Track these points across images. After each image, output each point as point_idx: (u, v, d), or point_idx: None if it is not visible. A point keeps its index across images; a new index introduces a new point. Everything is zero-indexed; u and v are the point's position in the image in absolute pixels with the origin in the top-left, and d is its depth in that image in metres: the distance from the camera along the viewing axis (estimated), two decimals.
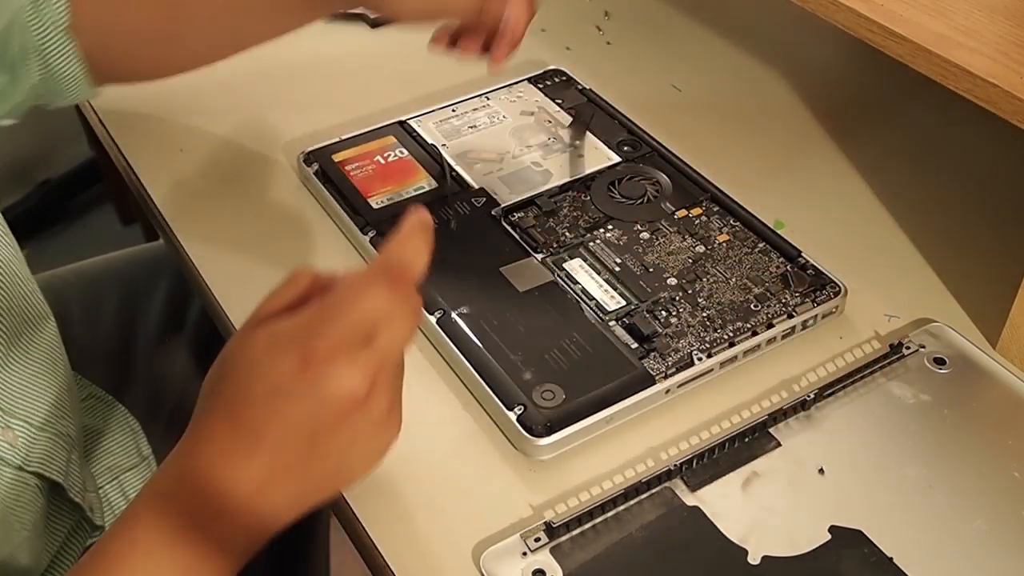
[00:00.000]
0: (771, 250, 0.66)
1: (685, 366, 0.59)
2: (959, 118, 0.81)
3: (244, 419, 0.44)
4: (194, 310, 0.87)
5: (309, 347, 0.43)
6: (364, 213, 0.70)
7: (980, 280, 0.67)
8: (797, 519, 0.53)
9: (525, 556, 0.52)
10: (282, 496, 0.45)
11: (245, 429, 0.44)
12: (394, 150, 0.76)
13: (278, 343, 0.44)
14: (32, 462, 0.60)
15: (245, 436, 0.44)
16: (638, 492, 0.54)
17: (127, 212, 1.85)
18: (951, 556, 0.52)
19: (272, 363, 0.43)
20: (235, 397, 0.45)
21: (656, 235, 0.68)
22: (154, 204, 0.75)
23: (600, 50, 0.90)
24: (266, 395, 0.43)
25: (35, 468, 0.60)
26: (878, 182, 0.76)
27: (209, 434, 0.46)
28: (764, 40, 0.92)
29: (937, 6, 0.62)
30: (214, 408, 0.46)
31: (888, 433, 0.57)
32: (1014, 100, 0.55)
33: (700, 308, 0.62)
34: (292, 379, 0.43)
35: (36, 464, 0.60)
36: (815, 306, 0.63)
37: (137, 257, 0.90)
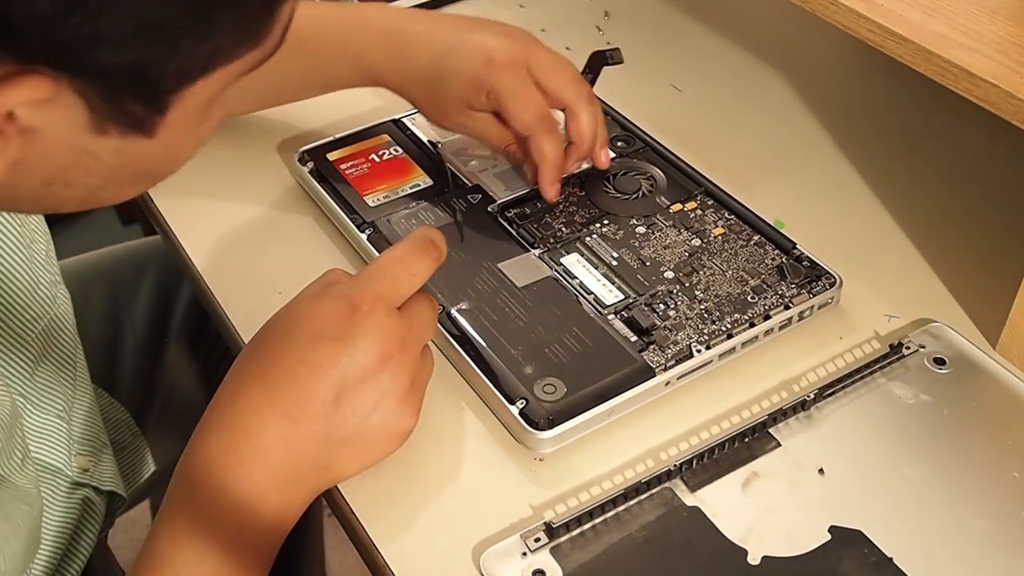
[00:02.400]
0: (766, 242, 0.67)
1: (684, 358, 0.59)
2: (959, 118, 0.81)
3: (279, 363, 0.48)
4: (182, 305, 0.87)
5: (355, 296, 0.49)
6: (361, 211, 0.70)
7: (980, 280, 0.67)
8: (797, 519, 0.53)
9: (525, 556, 0.52)
10: (304, 449, 0.47)
11: (277, 373, 0.48)
12: (389, 148, 0.76)
13: (328, 294, 0.50)
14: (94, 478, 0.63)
15: (277, 380, 0.48)
16: (638, 492, 0.54)
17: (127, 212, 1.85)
18: (951, 556, 0.52)
19: (319, 309, 0.49)
20: (275, 343, 0.49)
21: (652, 229, 0.68)
22: (154, 204, 0.75)
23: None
24: (306, 338, 0.48)
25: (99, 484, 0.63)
26: (878, 182, 0.76)
27: (238, 386, 0.49)
28: (764, 40, 0.92)
29: (937, 6, 0.62)
30: (249, 359, 0.50)
31: (888, 433, 0.57)
32: (1014, 100, 0.55)
33: (698, 301, 0.63)
34: (335, 324, 0.49)
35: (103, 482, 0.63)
36: (811, 297, 0.63)
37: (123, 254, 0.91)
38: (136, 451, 0.78)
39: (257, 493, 0.47)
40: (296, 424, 0.48)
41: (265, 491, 0.47)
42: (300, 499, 0.49)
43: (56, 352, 0.63)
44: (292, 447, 0.48)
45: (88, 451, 0.64)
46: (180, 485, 0.48)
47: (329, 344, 0.48)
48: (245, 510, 0.47)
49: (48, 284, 0.63)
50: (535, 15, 0.94)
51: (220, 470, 0.47)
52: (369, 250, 0.67)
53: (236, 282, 0.69)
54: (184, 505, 0.48)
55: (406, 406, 0.51)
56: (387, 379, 0.49)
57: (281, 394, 0.48)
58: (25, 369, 0.60)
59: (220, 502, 0.47)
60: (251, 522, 0.47)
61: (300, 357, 0.48)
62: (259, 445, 0.47)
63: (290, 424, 0.48)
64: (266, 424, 0.48)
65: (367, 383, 0.49)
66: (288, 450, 0.48)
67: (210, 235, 0.72)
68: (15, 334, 0.59)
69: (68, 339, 0.65)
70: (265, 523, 0.47)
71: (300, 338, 0.49)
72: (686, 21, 0.95)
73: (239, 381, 0.49)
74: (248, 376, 0.49)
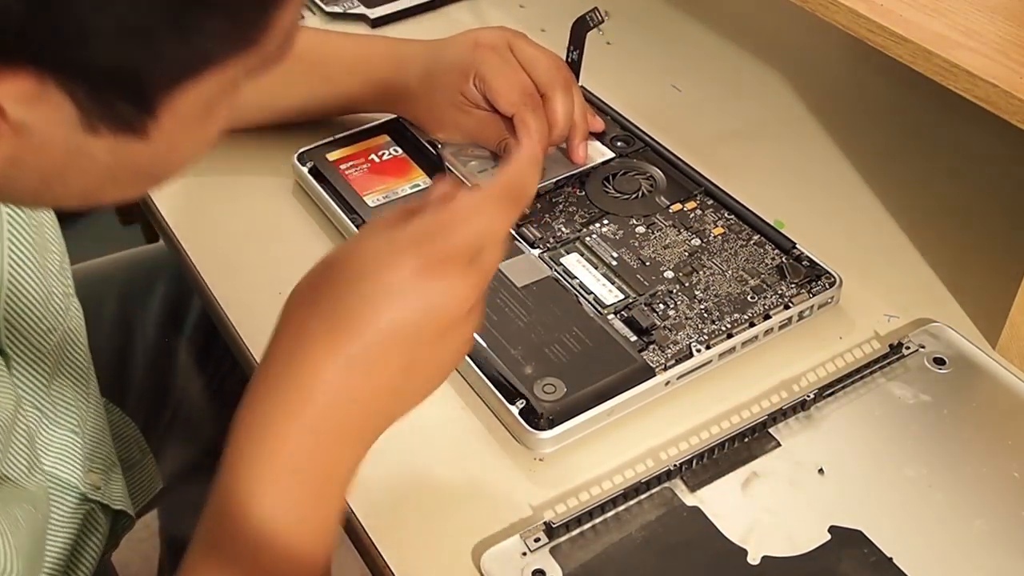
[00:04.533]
0: (766, 242, 0.67)
1: (684, 358, 0.59)
2: (959, 118, 0.81)
3: (347, 317, 0.44)
4: (192, 313, 0.87)
5: (428, 252, 0.43)
6: (360, 212, 0.70)
7: (980, 280, 0.67)
8: (797, 519, 0.53)
9: (525, 556, 0.52)
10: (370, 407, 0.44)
11: (346, 328, 0.44)
12: (388, 148, 0.76)
13: (396, 246, 0.44)
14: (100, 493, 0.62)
15: (345, 334, 0.44)
16: (638, 492, 0.54)
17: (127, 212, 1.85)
18: (951, 556, 0.52)
19: (388, 264, 0.44)
20: (340, 296, 0.44)
21: (652, 229, 0.68)
22: (154, 204, 0.75)
23: (600, 50, 0.90)
24: (376, 295, 0.44)
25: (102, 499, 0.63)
26: (878, 182, 0.76)
27: (300, 335, 0.45)
28: (764, 40, 0.92)
29: (937, 6, 0.62)
30: (310, 311, 0.45)
31: (888, 433, 0.57)
32: (1014, 100, 0.55)
33: (697, 300, 0.63)
34: (407, 281, 0.43)
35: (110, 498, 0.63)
36: (811, 296, 0.63)
37: (134, 260, 0.90)
38: (145, 469, 0.77)
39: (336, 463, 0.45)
40: (368, 388, 0.44)
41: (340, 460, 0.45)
42: (360, 452, 0.46)
43: (70, 366, 0.63)
44: (365, 413, 0.45)
45: (100, 468, 0.64)
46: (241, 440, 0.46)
47: (404, 308, 0.44)
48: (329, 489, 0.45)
49: (61, 296, 0.63)
50: (535, 15, 0.94)
51: (282, 428, 0.44)
52: None
53: (236, 282, 0.69)
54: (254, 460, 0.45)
55: (464, 349, 0.47)
56: (459, 340, 0.46)
57: (356, 360, 0.44)
58: (41, 382, 0.60)
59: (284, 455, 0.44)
60: (329, 474, 0.45)
61: (370, 318, 0.44)
62: (320, 404, 0.44)
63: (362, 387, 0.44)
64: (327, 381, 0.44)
65: (439, 342, 0.45)
66: (363, 418, 0.45)
67: (210, 235, 0.72)
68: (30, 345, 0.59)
69: (81, 353, 0.65)
70: (344, 487, 0.45)
71: (371, 294, 0.44)
72: (686, 21, 0.95)
73: (298, 333, 0.45)
74: (310, 331, 0.45)
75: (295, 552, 0.44)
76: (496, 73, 0.67)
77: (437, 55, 0.71)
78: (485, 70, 0.68)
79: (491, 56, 0.68)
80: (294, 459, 0.44)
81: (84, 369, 0.65)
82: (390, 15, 0.93)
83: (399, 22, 0.94)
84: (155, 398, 0.84)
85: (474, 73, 0.68)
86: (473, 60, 0.68)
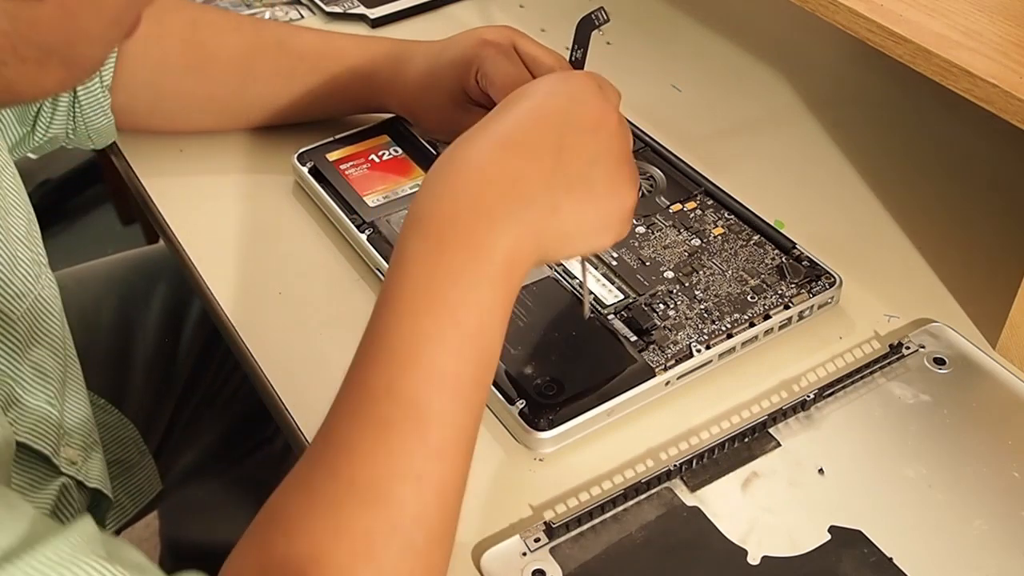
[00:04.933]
0: (766, 242, 0.67)
1: (684, 358, 0.59)
2: (959, 118, 0.81)
3: (502, 109, 0.50)
4: (193, 315, 0.87)
5: (569, 71, 0.55)
6: (360, 212, 0.70)
7: (980, 280, 0.67)
8: (797, 519, 0.53)
9: (525, 556, 0.52)
10: (530, 184, 0.48)
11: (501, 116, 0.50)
12: (388, 148, 0.76)
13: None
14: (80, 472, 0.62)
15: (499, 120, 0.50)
16: (638, 492, 0.54)
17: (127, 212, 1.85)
18: (951, 556, 0.52)
19: (533, 85, 0.52)
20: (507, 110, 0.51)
21: (651, 229, 0.68)
22: (154, 204, 0.75)
23: (600, 50, 0.90)
24: (527, 91, 0.51)
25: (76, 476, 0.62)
26: (878, 182, 0.76)
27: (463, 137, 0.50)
28: (764, 40, 0.92)
29: (937, 6, 0.62)
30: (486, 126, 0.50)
31: (888, 433, 0.57)
32: (1014, 100, 0.55)
33: (697, 300, 0.63)
34: (552, 80, 0.52)
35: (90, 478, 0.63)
36: (811, 296, 0.63)
37: (134, 261, 0.90)
38: (144, 470, 0.77)
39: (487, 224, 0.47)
40: (521, 159, 0.48)
41: (495, 219, 0.47)
42: (528, 243, 0.48)
43: (44, 336, 0.63)
44: (518, 183, 0.48)
45: (78, 445, 0.64)
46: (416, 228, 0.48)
47: (554, 98, 0.50)
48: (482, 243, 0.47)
49: (29, 261, 0.62)
50: (535, 15, 0.94)
51: (455, 209, 0.47)
52: (369, 250, 0.67)
53: (236, 282, 0.69)
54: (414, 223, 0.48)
55: (624, 172, 0.51)
56: (605, 137, 0.50)
57: (505, 135, 0.49)
58: (13, 350, 0.59)
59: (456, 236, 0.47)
60: (488, 255, 0.47)
61: (528, 108, 0.50)
62: (484, 175, 0.48)
63: (514, 158, 0.48)
64: (489, 159, 0.48)
65: (587, 133, 0.50)
66: (514, 184, 0.48)
67: (209, 235, 0.72)
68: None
69: (56, 324, 0.64)
70: (499, 257, 0.47)
71: (523, 92, 0.51)
72: (686, 21, 0.95)
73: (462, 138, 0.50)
74: (471, 131, 0.50)
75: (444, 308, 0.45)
76: (498, 69, 0.68)
77: (440, 53, 0.71)
78: (488, 66, 0.68)
79: (494, 53, 0.68)
80: (447, 223, 0.47)
81: (60, 340, 0.64)
82: (390, 15, 0.93)
83: (399, 22, 0.94)
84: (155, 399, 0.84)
85: (477, 68, 0.68)
86: (477, 55, 0.68)
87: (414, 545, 0.43)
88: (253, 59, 0.74)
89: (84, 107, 0.72)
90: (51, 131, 0.72)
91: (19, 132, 0.71)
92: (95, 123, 0.73)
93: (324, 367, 0.63)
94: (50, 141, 0.74)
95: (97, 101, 0.72)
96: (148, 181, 0.77)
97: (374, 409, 0.44)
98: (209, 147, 0.79)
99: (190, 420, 0.87)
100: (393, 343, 0.45)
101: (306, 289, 0.68)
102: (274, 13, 0.93)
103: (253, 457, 0.93)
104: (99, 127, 0.74)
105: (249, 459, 0.93)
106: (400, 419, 0.44)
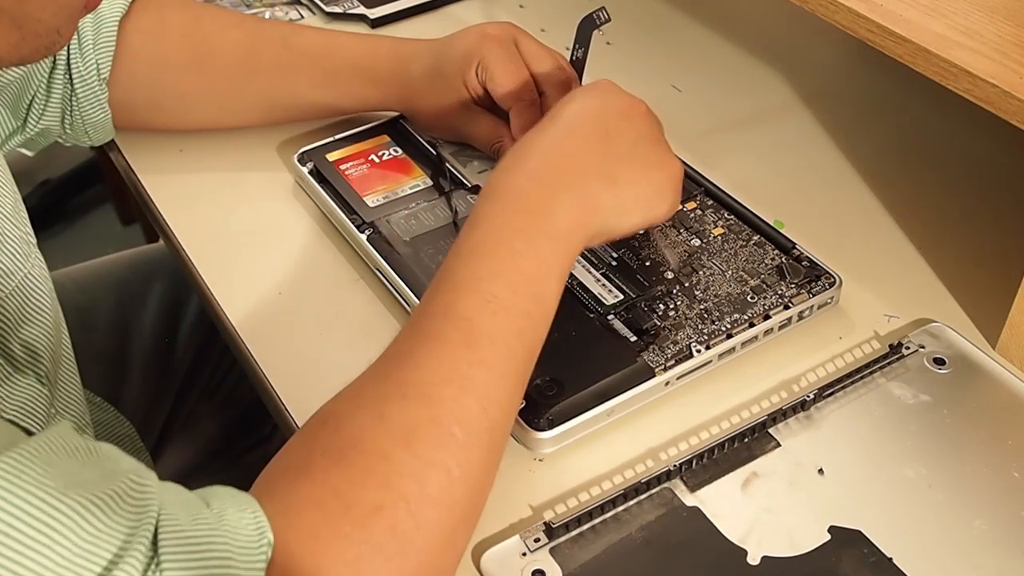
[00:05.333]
0: (766, 242, 0.67)
1: (684, 358, 0.59)
2: (959, 118, 0.81)
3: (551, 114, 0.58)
4: (190, 314, 0.87)
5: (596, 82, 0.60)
6: (360, 212, 0.70)
7: (980, 280, 0.67)
8: (797, 519, 0.53)
9: (525, 556, 0.52)
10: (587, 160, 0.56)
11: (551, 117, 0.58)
12: (388, 148, 0.76)
13: None
14: None
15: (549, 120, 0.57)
16: (638, 492, 0.54)
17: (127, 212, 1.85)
18: (951, 556, 0.52)
19: (566, 100, 0.59)
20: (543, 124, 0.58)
21: (651, 229, 0.68)
22: (154, 204, 0.75)
23: (600, 50, 0.90)
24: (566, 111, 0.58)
25: None
26: (878, 182, 0.76)
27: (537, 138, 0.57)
28: (764, 40, 0.92)
29: (937, 6, 0.62)
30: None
31: (888, 433, 0.57)
32: (1014, 100, 0.55)
33: (697, 301, 0.63)
34: (584, 89, 0.60)
35: None
36: (811, 297, 0.63)
37: (131, 260, 0.90)
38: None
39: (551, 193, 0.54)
40: (576, 143, 0.56)
41: (557, 190, 0.55)
42: (588, 211, 0.55)
43: (35, 314, 0.62)
44: (576, 161, 0.56)
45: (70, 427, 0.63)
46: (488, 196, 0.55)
47: (588, 99, 0.59)
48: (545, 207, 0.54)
49: (16, 239, 0.62)
50: (535, 15, 0.94)
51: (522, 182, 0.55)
52: (369, 251, 0.67)
53: (236, 282, 0.69)
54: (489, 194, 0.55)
55: (664, 147, 0.60)
56: (640, 120, 0.58)
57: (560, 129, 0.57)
58: (3, 329, 0.59)
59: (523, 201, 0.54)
60: (550, 217, 0.54)
61: (571, 110, 0.58)
62: (546, 157, 0.56)
63: (570, 143, 0.56)
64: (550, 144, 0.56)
65: (624, 120, 0.58)
66: (572, 163, 0.56)
67: (210, 235, 0.72)
68: None
69: (46, 302, 0.64)
70: (560, 220, 0.54)
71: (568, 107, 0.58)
72: (686, 21, 0.95)
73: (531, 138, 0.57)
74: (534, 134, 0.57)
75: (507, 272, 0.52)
76: (498, 64, 0.69)
77: (444, 49, 0.72)
78: (489, 60, 0.69)
79: (496, 47, 0.69)
80: (516, 192, 0.54)
81: (51, 319, 0.64)
82: (390, 15, 0.93)
83: (399, 22, 0.94)
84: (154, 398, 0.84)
85: (478, 62, 0.69)
86: (479, 49, 0.70)
87: (453, 437, 0.46)
88: (255, 55, 0.74)
89: (80, 99, 0.72)
90: (43, 122, 0.72)
91: (12, 124, 0.71)
92: (91, 117, 0.73)
93: (323, 366, 0.63)
94: (43, 133, 0.74)
95: (94, 93, 0.72)
96: (148, 180, 0.77)
97: (430, 325, 0.49)
98: (209, 147, 0.80)
99: (187, 419, 0.86)
100: (457, 276, 0.51)
101: (306, 289, 0.68)
102: (274, 13, 0.93)
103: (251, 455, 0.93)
104: (95, 121, 0.73)
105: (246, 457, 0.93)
106: (451, 331, 0.49)
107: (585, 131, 0.57)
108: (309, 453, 0.45)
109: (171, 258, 0.73)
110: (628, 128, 0.58)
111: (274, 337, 0.65)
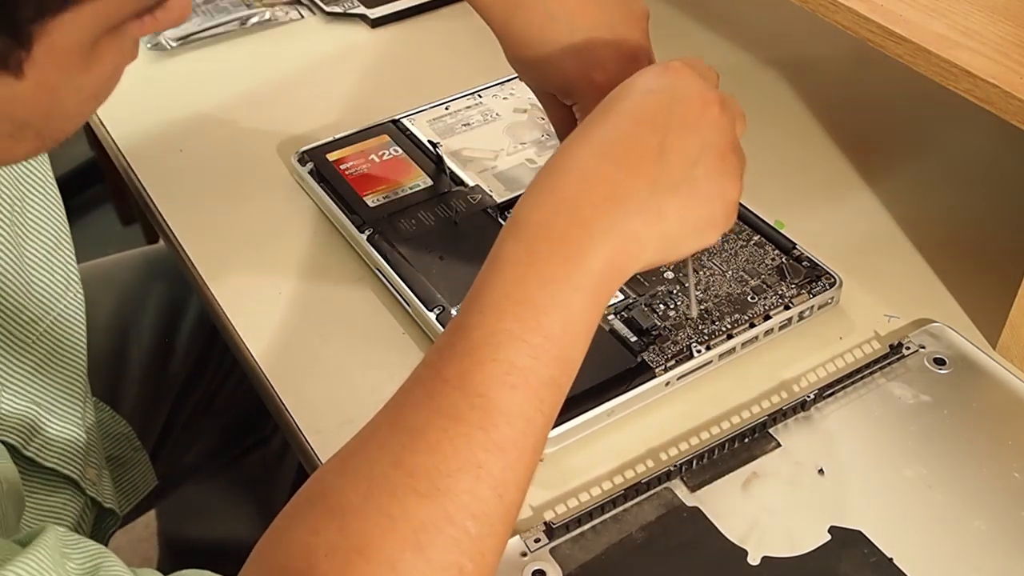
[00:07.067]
0: (766, 243, 0.67)
1: (684, 358, 0.59)
2: (959, 118, 0.81)
3: (601, 110, 0.49)
4: (190, 314, 0.87)
5: (667, 61, 0.50)
6: (360, 212, 0.70)
7: (980, 280, 0.67)
8: (797, 519, 0.53)
9: (525, 556, 0.52)
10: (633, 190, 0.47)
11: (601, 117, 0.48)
12: (388, 148, 0.76)
13: None
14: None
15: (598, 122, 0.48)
16: (638, 492, 0.54)
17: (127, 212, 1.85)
18: (951, 556, 0.52)
19: (629, 84, 0.49)
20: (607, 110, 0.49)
21: None
22: (154, 204, 0.75)
23: None
24: (625, 89, 0.49)
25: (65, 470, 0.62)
26: (878, 182, 0.76)
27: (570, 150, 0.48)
28: (764, 40, 0.92)
29: (937, 6, 0.62)
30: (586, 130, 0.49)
31: (888, 433, 0.57)
32: (1014, 100, 0.55)
33: (698, 301, 0.63)
34: (651, 75, 0.49)
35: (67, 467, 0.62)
36: (811, 297, 0.63)
37: (130, 261, 0.90)
38: (137, 465, 0.77)
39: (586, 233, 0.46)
40: (622, 168, 0.47)
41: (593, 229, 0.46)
42: (630, 251, 0.47)
43: (65, 358, 0.63)
44: (619, 192, 0.47)
45: (95, 464, 0.64)
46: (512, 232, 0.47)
47: (653, 96, 0.48)
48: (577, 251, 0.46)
49: (47, 284, 0.62)
50: None
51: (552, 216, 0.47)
52: (369, 251, 0.67)
53: (236, 282, 0.69)
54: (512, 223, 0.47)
55: (728, 164, 0.50)
56: (708, 129, 0.48)
57: (605, 142, 0.48)
58: (31, 373, 0.59)
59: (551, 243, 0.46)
60: (583, 265, 0.46)
61: (627, 110, 0.48)
62: (584, 185, 0.47)
63: (615, 167, 0.47)
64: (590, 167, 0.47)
65: (689, 132, 0.48)
66: (614, 194, 0.47)
67: (210, 235, 0.72)
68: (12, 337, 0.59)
69: (78, 344, 0.64)
70: (594, 267, 0.46)
71: (621, 91, 0.49)
72: (686, 21, 0.95)
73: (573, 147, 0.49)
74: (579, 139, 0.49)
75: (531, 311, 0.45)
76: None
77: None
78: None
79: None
80: (544, 229, 0.46)
81: (81, 363, 0.64)
82: (390, 15, 0.93)
83: (399, 22, 0.94)
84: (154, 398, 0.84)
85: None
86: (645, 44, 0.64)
87: (467, 534, 0.42)
88: None
89: None
90: None
91: None
92: None
93: (324, 367, 0.63)
94: None
95: None
96: (148, 181, 0.77)
97: (443, 398, 0.44)
98: (209, 147, 0.80)
99: (188, 420, 0.86)
100: (473, 338, 0.45)
101: (306, 289, 0.68)
102: (274, 13, 0.93)
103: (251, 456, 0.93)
104: None
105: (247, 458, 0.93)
106: (466, 410, 0.44)
107: (637, 150, 0.47)
108: (312, 553, 0.42)
109: (171, 258, 0.73)
110: (691, 145, 0.48)
111: (274, 337, 0.65)
